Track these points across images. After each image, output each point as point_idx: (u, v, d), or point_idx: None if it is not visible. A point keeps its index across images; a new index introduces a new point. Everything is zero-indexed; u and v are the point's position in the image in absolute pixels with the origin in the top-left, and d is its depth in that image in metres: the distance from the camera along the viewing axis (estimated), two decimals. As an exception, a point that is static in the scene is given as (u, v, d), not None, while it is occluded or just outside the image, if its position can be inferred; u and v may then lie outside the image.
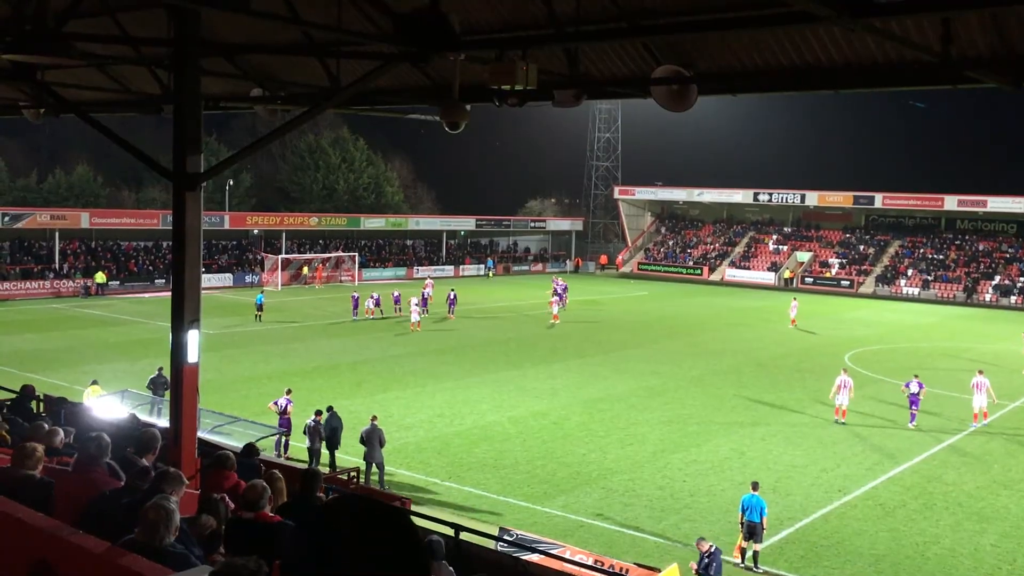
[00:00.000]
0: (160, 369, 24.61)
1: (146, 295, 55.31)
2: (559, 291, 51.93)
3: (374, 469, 19.83)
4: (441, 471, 21.13)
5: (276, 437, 21.81)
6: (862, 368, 35.65)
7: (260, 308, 45.03)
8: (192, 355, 12.99)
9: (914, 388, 27.00)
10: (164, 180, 14.21)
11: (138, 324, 43.06)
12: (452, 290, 50.59)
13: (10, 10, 9.95)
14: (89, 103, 18.04)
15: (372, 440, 19.82)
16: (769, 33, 10.18)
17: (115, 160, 77.71)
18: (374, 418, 20.65)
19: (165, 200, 71.02)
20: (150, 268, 59.93)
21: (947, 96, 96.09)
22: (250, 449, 11.92)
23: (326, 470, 19.33)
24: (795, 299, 52.21)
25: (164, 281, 55.16)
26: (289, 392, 22.72)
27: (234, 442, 18.40)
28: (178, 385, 12.94)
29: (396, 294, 49.05)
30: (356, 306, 46.51)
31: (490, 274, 77.48)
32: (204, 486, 9.12)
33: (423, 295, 48.11)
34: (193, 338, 12.97)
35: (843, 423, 26.58)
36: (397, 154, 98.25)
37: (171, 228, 13.08)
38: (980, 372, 28.25)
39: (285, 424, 21.90)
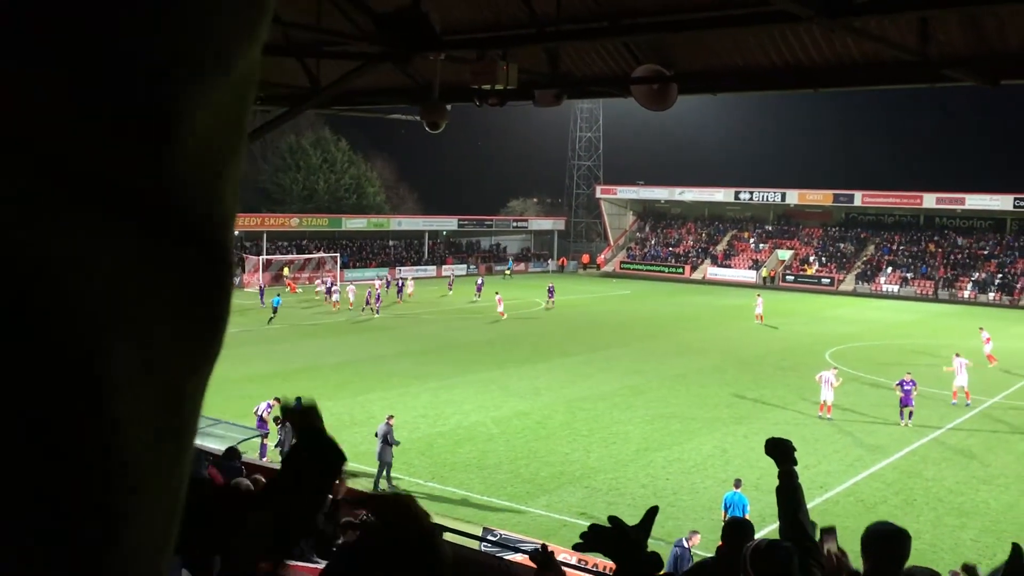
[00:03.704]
0: None
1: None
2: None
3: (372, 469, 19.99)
4: (424, 471, 21.10)
5: (260, 441, 21.72)
6: (843, 365, 35.84)
7: (275, 311, 45.05)
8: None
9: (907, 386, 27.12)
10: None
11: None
12: (401, 279, 56.08)
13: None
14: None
15: (387, 439, 19.99)
16: (749, 32, 10.21)
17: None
18: (390, 417, 20.70)
19: (145, 201, 70.43)
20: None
21: (926, 94, 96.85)
22: (231, 452, 11.85)
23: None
24: (759, 295, 52.48)
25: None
26: (277, 400, 22.66)
27: (215, 444, 18.29)
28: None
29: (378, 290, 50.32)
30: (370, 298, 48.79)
31: (507, 272, 76.66)
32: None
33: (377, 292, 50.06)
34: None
35: (829, 419, 26.73)
36: (379, 154, 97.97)
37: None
38: (958, 355, 29.36)
39: (261, 426, 21.82)
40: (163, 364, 0.47)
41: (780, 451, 5.02)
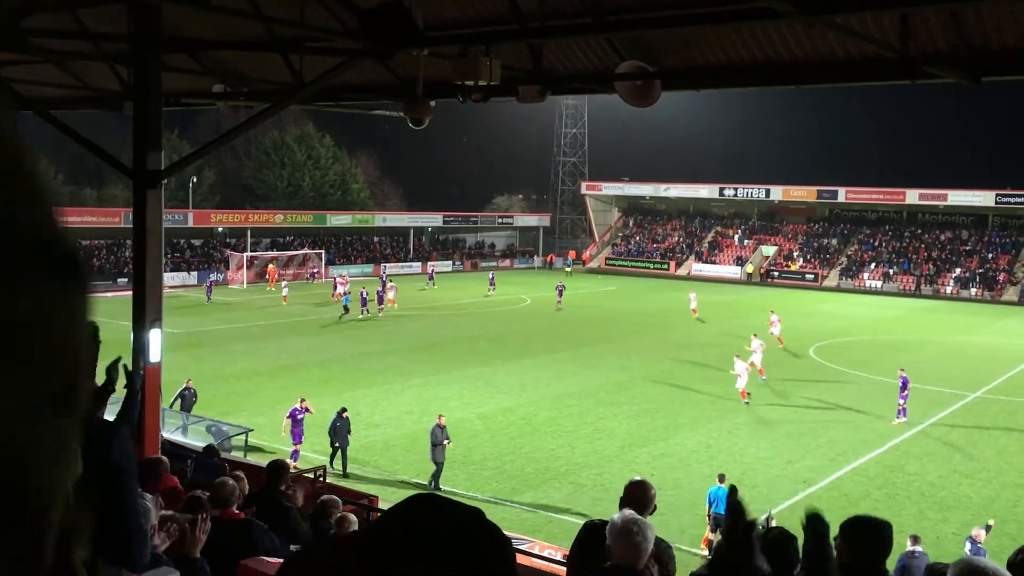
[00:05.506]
0: (188, 381, 23.81)
1: (108, 294, 54.55)
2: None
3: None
4: (409, 468, 21.10)
5: (293, 448, 21.37)
6: (827, 361, 36.05)
7: (346, 309, 45.39)
8: (154, 355, 12.84)
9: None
10: (126, 177, 14.02)
11: (99, 324, 42.39)
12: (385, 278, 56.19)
13: (-36, 5, 9.78)
14: (48, 100, 17.76)
15: (435, 439, 20.04)
16: (731, 29, 10.25)
17: (76, 157, 76.47)
18: (440, 417, 20.72)
19: (127, 198, 69.92)
20: (112, 267, 59.16)
21: (908, 91, 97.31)
22: (210, 450, 11.83)
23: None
24: (693, 292, 51.90)
25: (126, 280, 54.45)
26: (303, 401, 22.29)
27: (200, 442, 18.25)
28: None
29: (379, 291, 49.24)
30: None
31: (568, 270, 75.35)
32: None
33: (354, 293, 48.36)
34: (155, 337, 12.82)
35: (746, 403, 27.81)
36: (363, 150, 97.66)
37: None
38: (755, 335, 30.77)
39: (296, 429, 21.49)
40: None
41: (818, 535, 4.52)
